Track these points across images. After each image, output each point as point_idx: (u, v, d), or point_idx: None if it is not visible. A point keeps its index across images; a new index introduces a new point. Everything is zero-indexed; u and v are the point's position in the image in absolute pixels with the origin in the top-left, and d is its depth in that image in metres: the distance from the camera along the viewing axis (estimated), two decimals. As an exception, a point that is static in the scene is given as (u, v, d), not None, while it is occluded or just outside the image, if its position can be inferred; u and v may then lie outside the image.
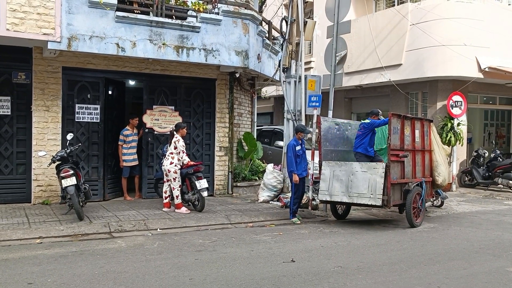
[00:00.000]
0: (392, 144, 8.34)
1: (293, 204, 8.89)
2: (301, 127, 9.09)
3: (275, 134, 15.20)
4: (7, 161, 9.33)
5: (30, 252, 6.26)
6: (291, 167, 8.72)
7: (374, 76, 15.70)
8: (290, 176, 8.89)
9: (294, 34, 10.80)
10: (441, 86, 14.71)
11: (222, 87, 11.50)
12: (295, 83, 10.59)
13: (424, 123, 9.67)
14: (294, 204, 8.89)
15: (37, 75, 9.36)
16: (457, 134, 13.93)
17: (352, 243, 7.20)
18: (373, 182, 8.21)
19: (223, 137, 11.52)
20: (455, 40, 13.66)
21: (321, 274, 5.46)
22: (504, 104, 16.79)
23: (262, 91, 17.82)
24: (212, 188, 11.17)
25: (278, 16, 12.39)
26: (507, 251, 6.86)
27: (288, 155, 8.82)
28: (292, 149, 8.71)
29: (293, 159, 8.69)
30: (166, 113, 10.79)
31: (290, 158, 8.73)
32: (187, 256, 6.16)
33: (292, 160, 8.69)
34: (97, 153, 10.07)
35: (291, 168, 8.70)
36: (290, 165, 8.74)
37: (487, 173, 14.15)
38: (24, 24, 8.03)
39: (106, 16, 8.74)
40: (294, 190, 8.84)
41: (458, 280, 5.41)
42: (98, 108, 10.00)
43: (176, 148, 8.88)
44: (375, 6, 17.15)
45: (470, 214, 10.22)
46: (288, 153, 8.81)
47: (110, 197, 10.31)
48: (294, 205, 8.90)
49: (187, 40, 9.53)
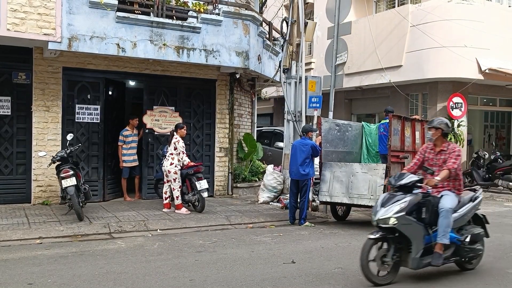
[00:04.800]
0: (392, 146, 8.34)
1: (307, 208, 8.85)
2: (310, 127, 9.03)
3: (275, 135, 15.20)
4: (7, 161, 9.31)
5: (30, 253, 6.25)
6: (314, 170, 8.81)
7: (374, 77, 15.70)
8: (312, 175, 8.79)
9: (294, 35, 10.79)
10: (441, 88, 14.71)
11: (223, 88, 11.49)
12: (295, 84, 10.59)
13: (425, 125, 9.67)
14: (307, 208, 8.86)
15: (38, 75, 9.36)
16: (457, 135, 13.93)
17: (353, 244, 7.19)
18: (374, 183, 8.20)
19: (223, 138, 11.52)
20: (456, 41, 13.66)
21: (322, 275, 5.45)
22: (504, 106, 16.80)
23: (262, 92, 17.80)
24: (212, 189, 11.16)
25: (279, 17, 12.39)
26: (508, 252, 6.85)
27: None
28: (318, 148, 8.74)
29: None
30: (166, 113, 10.78)
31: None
32: (187, 257, 6.15)
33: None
34: (97, 154, 10.06)
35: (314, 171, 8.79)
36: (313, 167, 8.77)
37: (487, 174, 14.14)
38: (24, 24, 8.03)
39: (107, 16, 8.74)
40: (309, 192, 8.79)
41: (458, 281, 5.40)
42: (98, 108, 9.99)
43: (176, 148, 8.87)
44: (375, 8, 17.16)
45: (470, 216, 10.20)
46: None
47: (110, 198, 10.30)
48: (307, 208, 8.87)
49: (187, 40, 9.53)
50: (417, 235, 5.11)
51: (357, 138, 10.18)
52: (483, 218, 5.89)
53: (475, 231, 5.63)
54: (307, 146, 8.56)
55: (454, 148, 5.57)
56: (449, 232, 5.21)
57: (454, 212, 5.37)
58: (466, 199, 5.67)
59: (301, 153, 8.57)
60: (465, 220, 5.60)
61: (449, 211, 5.21)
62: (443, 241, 5.20)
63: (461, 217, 5.50)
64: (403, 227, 5.01)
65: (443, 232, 5.17)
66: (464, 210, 5.54)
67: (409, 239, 5.08)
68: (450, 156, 5.47)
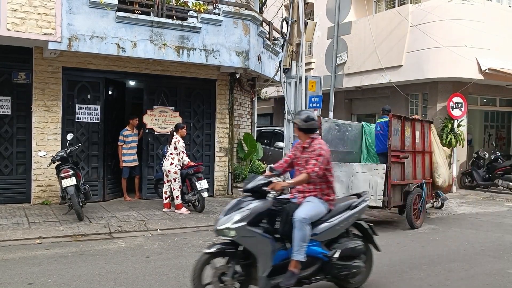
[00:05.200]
0: (392, 146, 8.33)
1: None
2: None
3: (275, 135, 15.20)
4: (7, 161, 9.31)
5: (30, 253, 6.25)
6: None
7: (374, 77, 15.70)
8: None
9: (294, 35, 10.78)
10: (442, 88, 14.71)
11: (223, 87, 11.49)
12: (295, 84, 10.57)
13: (424, 125, 9.67)
14: None
15: (38, 75, 9.35)
16: (457, 135, 13.93)
17: (353, 244, 7.18)
18: (374, 183, 8.20)
19: (223, 138, 11.51)
20: (456, 41, 13.65)
21: (322, 275, 5.43)
22: (504, 106, 16.79)
23: (262, 92, 17.81)
24: (212, 188, 11.16)
25: (279, 17, 12.38)
26: (508, 252, 6.85)
27: None
28: None
29: None
30: (166, 113, 10.78)
31: None
32: (187, 257, 6.14)
33: None
34: (97, 154, 10.06)
35: None
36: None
37: (487, 174, 14.15)
38: (24, 24, 8.02)
39: (107, 16, 8.73)
40: None
41: (459, 281, 5.40)
42: (98, 108, 9.98)
43: (176, 148, 8.87)
44: (375, 7, 17.15)
45: (471, 216, 10.21)
46: None
47: (110, 198, 10.30)
48: None
49: (187, 40, 9.53)
50: (263, 250, 4.22)
51: (357, 138, 10.17)
52: (368, 229, 4.91)
53: (349, 245, 4.64)
54: None
55: (315, 146, 4.61)
56: (305, 247, 4.30)
57: (323, 222, 4.52)
58: (342, 206, 4.77)
59: None
60: (338, 231, 4.64)
61: (302, 222, 4.28)
62: (297, 257, 4.28)
63: (330, 228, 4.57)
64: (243, 240, 4.17)
65: (297, 246, 4.27)
66: (336, 220, 4.61)
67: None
68: (311, 156, 4.58)
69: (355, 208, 4.80)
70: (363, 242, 4.81)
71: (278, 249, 4.33)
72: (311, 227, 4.36)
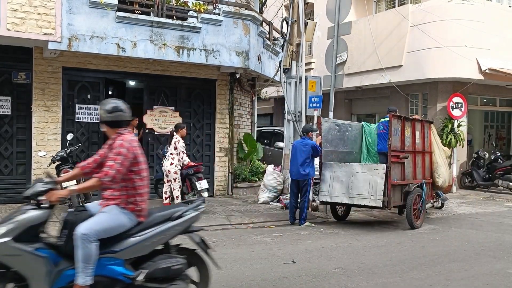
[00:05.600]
0: (392, 146, 8.33)
1: (307, 208, 8.83)
2: (310, 127, 9.04)
3: (275, 135, 15.20)
4: (7, 161, 9.31)
5: (29, 253, 6.22)
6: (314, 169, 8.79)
7: (374, 77, 15.69)
8: (312, 175, 8.79)
9: (294, 35, 10.79)
10: (442, 88, 14.71)
11: (223, 88, 11.49)
12: (295, 84, 10.59)
13: (425, 125, 9.67)
14: (307, 207, 8.84)
15: (37, 75, 9.35)
16: (457, 135, 13.93)
17: (353, 244, 7.19)
18: (374, 183, 8.20)
19: (223, 138, 11.51)
20: (456, 41, 13.65)
21: (322, 275, 5.44)
22: (504, 106, 16.79)
23: (262, 92, 17.81)
24: (212, 189, 11.16)
25: (279, 17, 12.39)
26: (508, 253, 6.85)
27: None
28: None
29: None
30: (166, 113, 10.78)
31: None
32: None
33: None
34: (97, 154, 10.05)
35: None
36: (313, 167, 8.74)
37: (487, 174, 14.15)
38: (24, 24, 8.03)
39: (107, 16, 8.74)
40: (309, 192, 8.79)
41: (459, 281, 5.39)
42: (98, 108, 9.98)
43: (176, 148, 8.87)
44: (375, 7, 17.15)
45: (471, 216, 10.21)
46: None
47: (110, 198, 10.28)
48: (307, 208, 8.85)
49: (187, 40, 9.53)
50: (36, 271, 3.52)
51: (357, 138, 10.18)
52: (200, 243, 4.05)
53: (161, 264, 3.82)
54: (307, 146, 8.55)
55: (116, 144, 3.81)
56: (90, 269, 3.58)
57: (129, 237, 3.78)
58: (159, 217, 3.93)
59: (302, 153, 8.55)
60: (148, 247, 3.85)
61: (83, 239, 3.56)
62: (79, 281, 3.56)
63: (136, 244, 3.79)
64: (7, 259, 3.49)
65: (81, 268, 3.56)
66: (146, 235, 3.82)
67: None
68: (110, 156, 3.79)
69: (177, 219, 3.93)
70: (185, 260, 3.93)
71: (65, 268, 3.63)
72: (98, 245, 3.62)
